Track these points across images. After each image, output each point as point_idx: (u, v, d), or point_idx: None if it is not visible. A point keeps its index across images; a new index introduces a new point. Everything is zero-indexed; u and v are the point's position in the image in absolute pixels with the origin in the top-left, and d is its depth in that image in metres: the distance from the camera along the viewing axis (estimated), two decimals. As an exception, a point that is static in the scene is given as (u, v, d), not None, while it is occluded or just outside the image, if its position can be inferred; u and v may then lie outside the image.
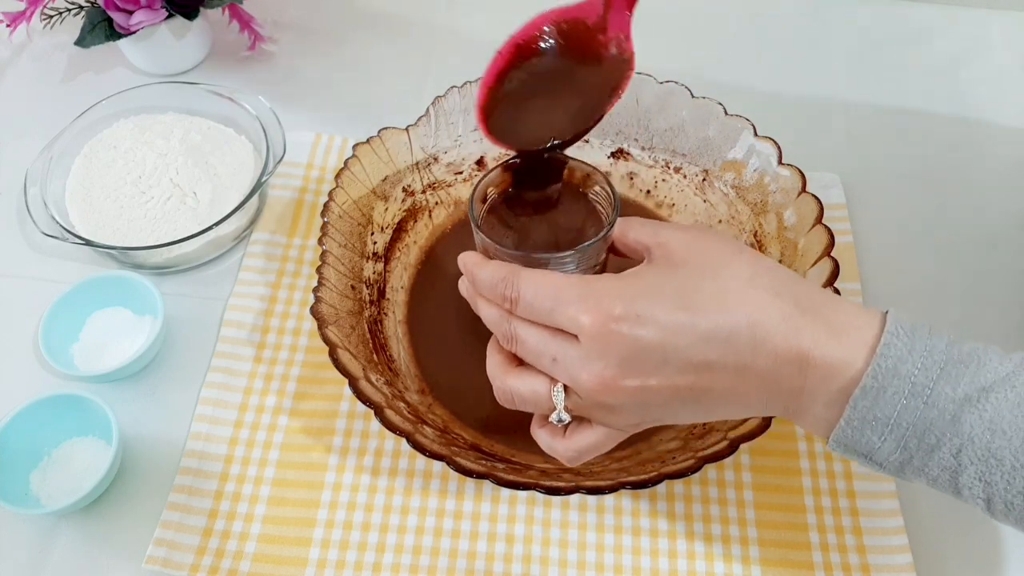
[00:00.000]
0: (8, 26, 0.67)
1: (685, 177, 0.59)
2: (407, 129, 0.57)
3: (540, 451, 0.42)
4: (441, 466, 0.50)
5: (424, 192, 0.59)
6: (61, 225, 0.58)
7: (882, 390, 0.34)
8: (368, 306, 0.54)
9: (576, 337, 0.37)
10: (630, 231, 0.42)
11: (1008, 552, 0.49)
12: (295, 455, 0.52)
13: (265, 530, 0.49)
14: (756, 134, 0.55)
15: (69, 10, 0.67)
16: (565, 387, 0.39)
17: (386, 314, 0.55)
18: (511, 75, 0.43)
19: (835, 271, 0.48)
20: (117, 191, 0.60)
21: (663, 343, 0.36)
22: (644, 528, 0.49)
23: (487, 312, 0.41)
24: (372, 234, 0.56)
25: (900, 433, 0.35)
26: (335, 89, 0.71)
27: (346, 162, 0.55)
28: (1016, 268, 0.61)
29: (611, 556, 0.49)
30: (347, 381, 0.46)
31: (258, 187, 0.59)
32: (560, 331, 0.38)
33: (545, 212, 0.47)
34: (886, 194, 0.64)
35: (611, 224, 0.42)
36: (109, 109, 0.63)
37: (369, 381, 0.47)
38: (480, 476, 0.44)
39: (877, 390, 0.34)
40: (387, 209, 0.57)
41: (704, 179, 0.58)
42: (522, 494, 0.51)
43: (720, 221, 0.58)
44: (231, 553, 0.48)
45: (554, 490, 0.43)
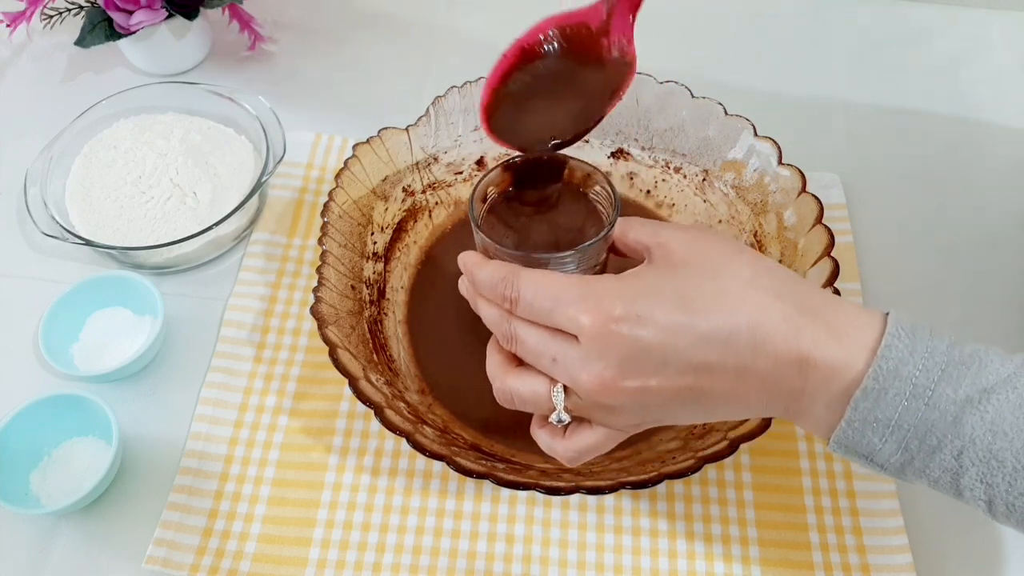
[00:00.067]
0: (8, 26, 0.67)
1: (685, 177, 0.59)
2: (407, 129, 0.57)
3: (540, 451, 0.42)
4: (441, 466, 0.50)
5: (424, 192, 0.59)
6: (61, 225, 0.58)
7: (883, 391, 0.34)
8: (368, 306, 0.54)
9: (576, 338, 0.37)
10: (630, 231, 0.42)
11: (1008, 552, 0.49)
12: (295, 455, 0.52)
13: (265, 530, 0.49)
14: (756, 134, 0.55)
15: (69, 10, 0.67)
16: (565, 388, 0.39)
17: (386, 314, 0.55)
18: (515, 76, 0.44)
19: (835, 271, 0.48)
20: (117, 191, 0.60)
21: (663, 344, 0.36)
22: (644, 528, 0.49)
23: (487, 312, 0.41)
24: (372, 234, 0.56)
25: (901, 435, 0.35)
26: (335, 89, 0.71)
27: (346, 162, 0.55)
28: (1016, 268, 0.61)
29: (611, 556, 0.49)
30: (347, 381, 0.46)
31: (258, 187, 0.59)
32: (560, 331, 0.38)
33: (545, 212, 0.47)
34: (886, 194, 0.64)
35: (611, 224, 0.42)
36: (109, 109, 0.63)
37: (369, 381, 0.47)
38: (480, 476, 0.44)
39: (878, 391, 0.34)
40: (387, 209, 0.57)
41: (704, 179, 0.58)
42: (522, 494, 0.51)
43: (720, 221, 0.58)
44: (231, 553, 0.48)
45: (554, 490, 0.43)
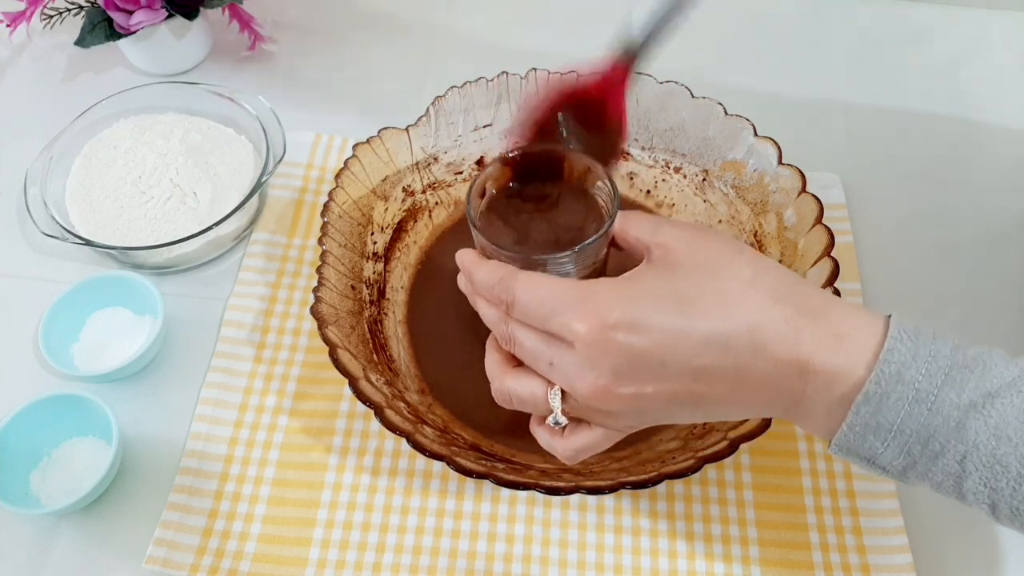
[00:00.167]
0: (8, 26, 0.67)
1: (685, 177, 0.59)
2: (407, 129, 0.57)
3: (540, 451, 0.42)
4: (441, 466, 0.50)
5: (424, 192, 0.59)
6: (61, 225, 0.58)
7: (885, 396, 0.34)
8: (368, 306, 0.54)
9: (572, 343, 0.37)
10: (631, 228, 0.41)
11: (1008, 552, 0.49)
12: (295, 455, 0.52)
13: (265, 530, 0.49)
14: (756, 134, 0.55)
15: (69, 10, 0.67)
16: (562, 391, 0.38)
17: (386, 314, 0.55)
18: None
19: (835, 271, 0.48)
20: (117, 191, 0.60)
21: (660, 350, 0.35)
22: (644, 528, 0.49)
23: (486, 311, 0.41)
24: (372, 234, 0.56)
25: (903, 439, 0.34)
26: (335, 89, 0.71)
27: (346, 162, 0.55)
28: (1016, 268, 0.61)
29: (611, 556, 0.49)
30: (347, 381, 0.46)
31: (258, 187, 0.59)
32: (557, 336, 0.38)
33: (545, 210, 0.47)
34: (886, 194, 0.64)
35: (610, 223, 0.41)
36: (109, 109, 0.63)
37: (369, 381, 0.47)
38: (480, 476, 0.44)
39: (880, 396, 0.34)
40: (387, 209, 0.57)
41: (704, 179, 0.58)
42: (522, 494, 0.51)
43: (720, 221, 0.58)
44: (231, 553, 0.48)
45: (554, 490, 0.43)
